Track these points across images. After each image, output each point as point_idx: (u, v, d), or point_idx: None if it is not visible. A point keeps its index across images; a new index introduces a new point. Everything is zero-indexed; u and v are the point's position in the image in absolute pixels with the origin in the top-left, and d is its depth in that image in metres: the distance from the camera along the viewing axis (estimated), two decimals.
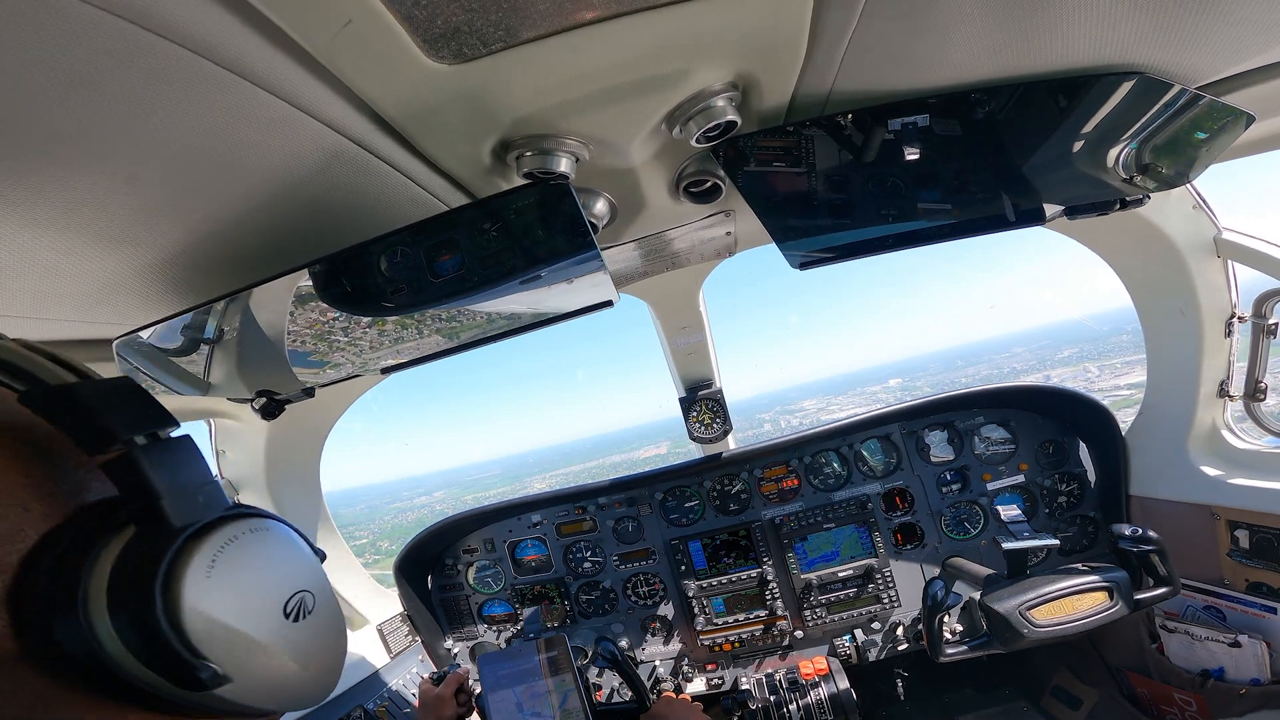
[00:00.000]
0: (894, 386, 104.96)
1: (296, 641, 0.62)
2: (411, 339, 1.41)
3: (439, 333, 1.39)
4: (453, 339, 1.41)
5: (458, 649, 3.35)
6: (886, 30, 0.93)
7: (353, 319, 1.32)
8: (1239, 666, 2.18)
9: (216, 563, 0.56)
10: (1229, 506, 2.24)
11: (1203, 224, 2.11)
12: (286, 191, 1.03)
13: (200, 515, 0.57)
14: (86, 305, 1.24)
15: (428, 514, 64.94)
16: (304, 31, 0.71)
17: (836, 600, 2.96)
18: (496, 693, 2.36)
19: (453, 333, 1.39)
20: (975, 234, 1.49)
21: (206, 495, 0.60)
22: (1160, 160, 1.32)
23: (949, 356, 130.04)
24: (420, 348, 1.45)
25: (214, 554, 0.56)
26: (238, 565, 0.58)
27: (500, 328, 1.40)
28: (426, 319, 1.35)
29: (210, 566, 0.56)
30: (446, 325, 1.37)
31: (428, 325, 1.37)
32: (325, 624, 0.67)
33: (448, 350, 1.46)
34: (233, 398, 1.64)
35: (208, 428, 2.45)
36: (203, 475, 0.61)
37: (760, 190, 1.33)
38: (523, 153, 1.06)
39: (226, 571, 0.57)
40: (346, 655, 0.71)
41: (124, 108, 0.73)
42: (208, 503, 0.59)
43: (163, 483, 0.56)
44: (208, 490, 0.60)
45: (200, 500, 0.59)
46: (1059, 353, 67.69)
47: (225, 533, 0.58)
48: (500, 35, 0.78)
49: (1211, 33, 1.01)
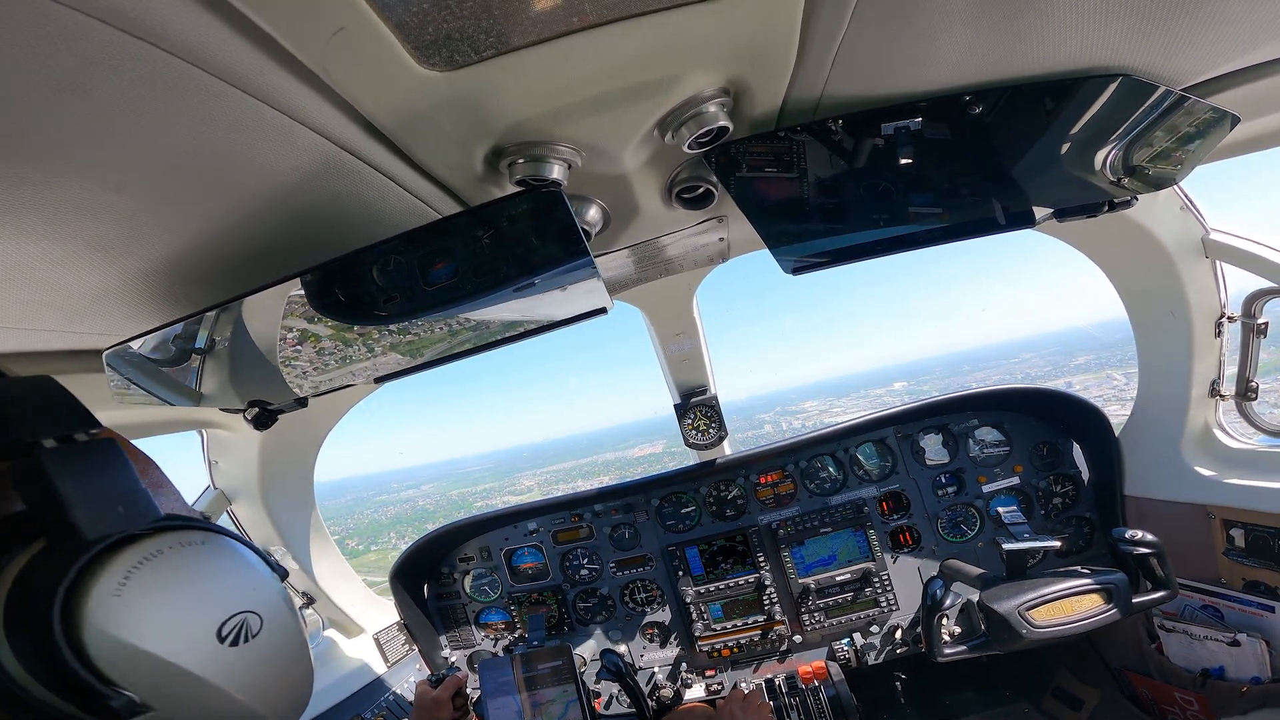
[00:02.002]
0: (899, 390, 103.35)
1: (236, 668, 0.56)
2: (404, 348, 1.40)
3: (432, 341, 1.38)
4: (446, 347, 1.41)
5: (455, 657, 3.34)
6: (876, 35, 0.93)
7: (345, 328, 1.32)
8: (1239, 665, 2.19)
9: (130, 580, 0.51)
10: (1224, 506, 2.25)
11: (1190, 225, 2.13)
12: (278, 199, 1.02)
13: (118, 527, 0.52)
14: (76, 316, 1.23)
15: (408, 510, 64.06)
16: (295, 39, 0.70)
17: (834, 604, 2.96)
18: (496, 699, 2.34)
19: (446, 341, 1.39)
20: (966, 237, 1.49)
21: (129, 505, 0.54)
22: (1147, 162, 1.33)
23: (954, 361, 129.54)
24: (413, 356, 1.44)
25: (127, 571, 0.51)
26: (158, 583, 0.52)
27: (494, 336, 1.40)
28: (419, 327, 1.34)
29: (121, 584, 0.50)
30: (439, 334, 1.36)
31: (420, 334, 1.36)
32: (276, 649, 0.60)
33: (441, 359, 1.45)
34: (225, 408, 1.62)
35: (200, 438, 2.44)
36: (125, 483, 0.55)
37: (752, 196, 1.33)
38: (515, 160, 1.06)
39: (142, 590, 0.51)
40: (312, 680, 0.69)
41: (113, 116, 0.72)
42: (129, 514, 0.54)
43: (72, 491, 0.50)
44: (131, 500, 0.55)
45: (119, 511, 0.53)
46: (1074, 359, 67.44)
47: (145, 547, 0.53)
48: (491, 42, 0.78)
49: (1196, 34, 1.02)
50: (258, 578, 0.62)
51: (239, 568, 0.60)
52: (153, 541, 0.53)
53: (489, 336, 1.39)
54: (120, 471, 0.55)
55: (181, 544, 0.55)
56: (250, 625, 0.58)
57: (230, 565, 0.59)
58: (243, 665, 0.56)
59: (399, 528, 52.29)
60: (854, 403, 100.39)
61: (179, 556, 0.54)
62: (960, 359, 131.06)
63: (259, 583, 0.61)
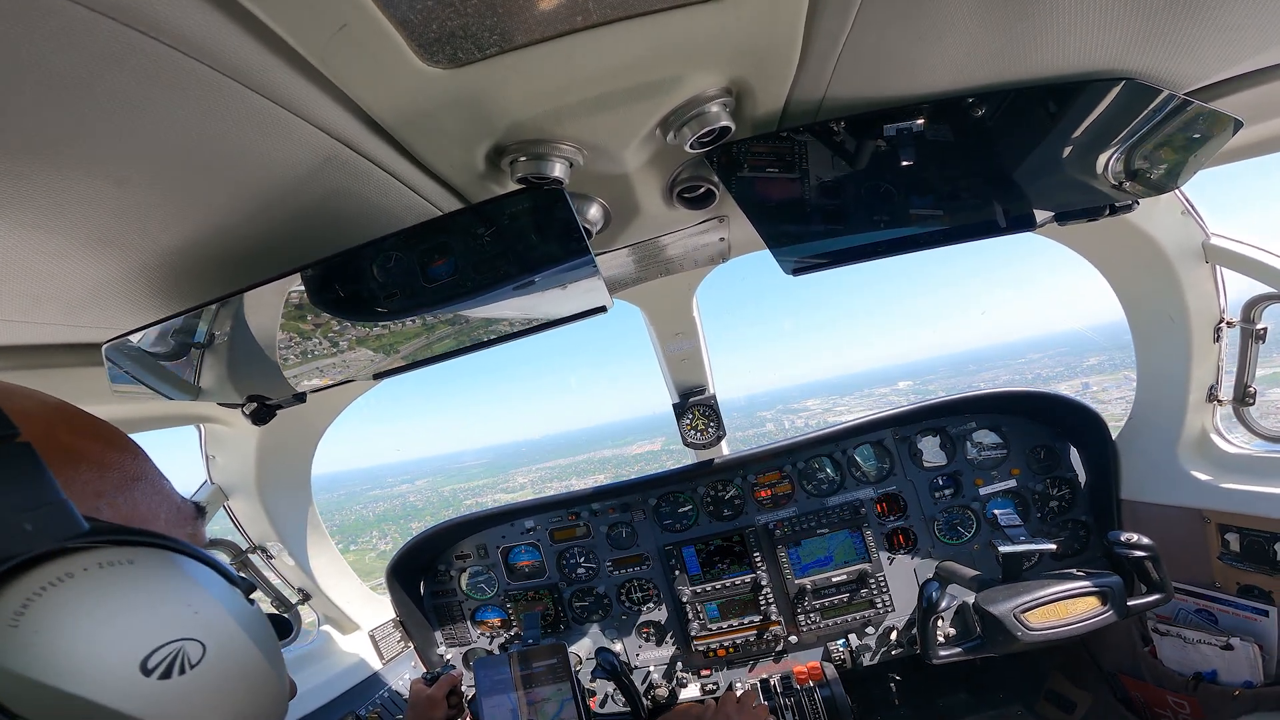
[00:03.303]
0: (904, 389, 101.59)
1: (170, 702, 0.50)
2: (404, 344, 1.40)
3: (432, 338, 1.39)
4: (446, 344, 1.41)
5: (450, 654, 3.34)
6: (880, 36, 0.93)
7: (345, 324, 1.32)
8: (1231, 669, 2.19)
9: (30, 608, 0.45)
10: (1219, 510, 2.26)
11: (1191, 229, 2.13)
12: (279, 195, 1.02)
13: (20, 547, 0.46)
14: (76, 309, 1.23)
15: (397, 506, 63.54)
16: (298, 35, 0.70)
17: (830, 605, 2.96)
18: (491, 697, 2.34)
19: (446, 338, 1.39)
20: (967, 240, 1.49)
21: (39, 520, 0.48)
22: (1149, 166, 1.33)
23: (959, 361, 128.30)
24: (413, 353, 1.44)
25: (26, 598, 0.45)
26: (66, 611, 0.46)
27: (494, 333, 1.40)
28: (419, 324, 1.34)
29: (18, 614, 0.45)
30: (439, 330, 1.36)
31: (420, 330, 1.36)
32: (225, 677, 0.54)
33: (441, 356, 1.45)
34: (223, 403, 1.62)
35: (198, 433, 2.43)
36: (37, 495, 0.48)
37: (754, 196, 1.33)
38: (517, 158, 1.06)
39: (44, 619, 0.45)
40: (282, 702, 0.64)
41: (115, 110, 0.72)
42: (39, 530, 0.47)
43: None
44: (43, 514, 0.48)
45: (26, 529, 0.47)
46: (1086, 360, 66.33)
47: (51, 570, 0.47)
48: (495, 40, 0.77)
49: (1201, 38, 1.02)
50: (202, 599, 0.55)
51: (177, 588, 0.53)
52: (63, 563, 0.47)
53: (489, 334, 1.40)
54: (31, 481, 0.48)
55: (101, 564, 0.49)
56: (189, 654, 0.51)
57: (164, 586, 0.53)
58: (180, 698, 0.50)
59: (383, 525, 51.48)
60: (857, 401, 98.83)
61: (95, 579, 0.48)
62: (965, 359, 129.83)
63: (203, 605, 0.54)
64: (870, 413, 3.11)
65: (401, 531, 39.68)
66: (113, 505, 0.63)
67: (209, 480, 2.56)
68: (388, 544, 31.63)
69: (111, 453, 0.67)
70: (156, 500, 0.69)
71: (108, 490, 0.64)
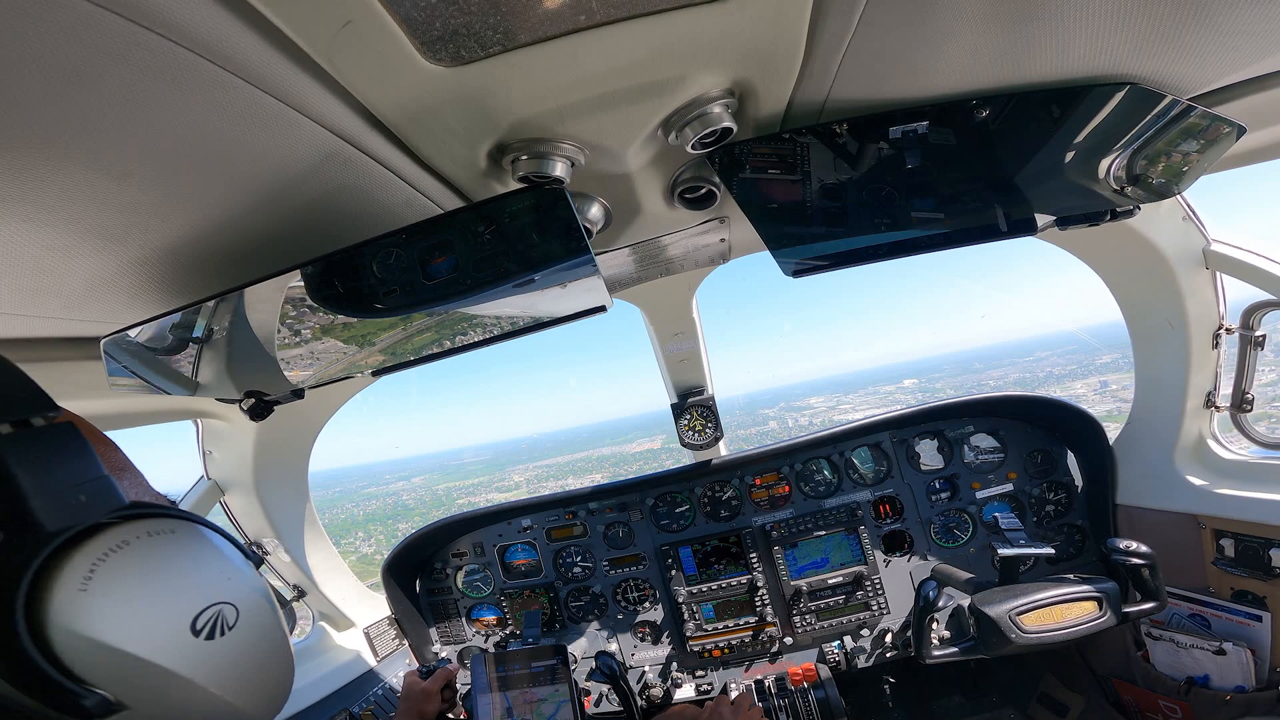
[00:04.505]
0: (910, 387, 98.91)
1: (212, 663, 0.53)
2: (403, 341, 1.40)
3: (431, 335, 1.38)
4: (445, 342, 1.41)
5: (445, 652, 3.33)
6: (884, 39, 0.93)
7: (344, 321, 1.31)
8: (1223, 674, 2.20)
9: (95, 574, 0.48)
10: (1215, 516, 2.27)
11: (1192, 235, 2.14)
12: (280, 191, 1.02)
13: (80, 518, 0.49)
14: (75, 303, 1.22)
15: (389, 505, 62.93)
16: (303, 31, 0.70)
17: (826, 607, 2.97)
18: (487, 695, 2.33)
19: (445, 335, 1.39)
20: (967, 243, 1.50)
21: (91, 493, 0.51)
22: (1151, 171, 1.33)
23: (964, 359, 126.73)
24: (412, 350, 1.44)
25: (92, 564, 0.48)
26: (126, 576, 0.49)
27: (493, 331, 1.39)
28: (419, 321, 1.34)
29: (87, 579, 0.47)
30: (439, 328, 1.36)
31: (420, 328, 1.36)
32: (254, 641, 0.58)
33: (440, 353, 1.45)
34: (221, 398, 1.62)
35: (195, 428, 2.43)
36: (87, 470, 0.52)
37: (755, 197, 1.33)
38: (518, 156, 1.06)
39: (109, 584, 0.48)
40: (292, 672, 0.66)
41: (119, 105, 0.72)
42: (92, 502, 0.51)
43: (30, 480, 0.47)
44: (94, 487, 0.51)
45: (81, 500, 0.50)
46: (1098, 358, 64.94)
47: (110, 538, 0.50)
48: (498, 39, 0.77)
49: (1206, 44, 1.02)
50: (232, 567, 0.59)
51: (212, 556, 0.58)
52: (118, 531, 0.50)
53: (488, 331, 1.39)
54: (81, 457, 0.52)
55: (150, 533, 0.52)
56: (226, 617, 0.55)
57: (202, 554, 0.57)
58: (219, 659, 0.53)
59: (370, 526, 50.81)
60: (863, 399, 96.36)
61: (147, 546, 0.51)
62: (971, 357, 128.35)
63: (233, 572, 0.58)
64: (876, 412, 3.12)
65: (387, 533, 39.14)
66: None
67: (206, 476, 2.56)
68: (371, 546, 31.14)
69: (99, 445, 0.69)
70: (138, 491, 0.70)
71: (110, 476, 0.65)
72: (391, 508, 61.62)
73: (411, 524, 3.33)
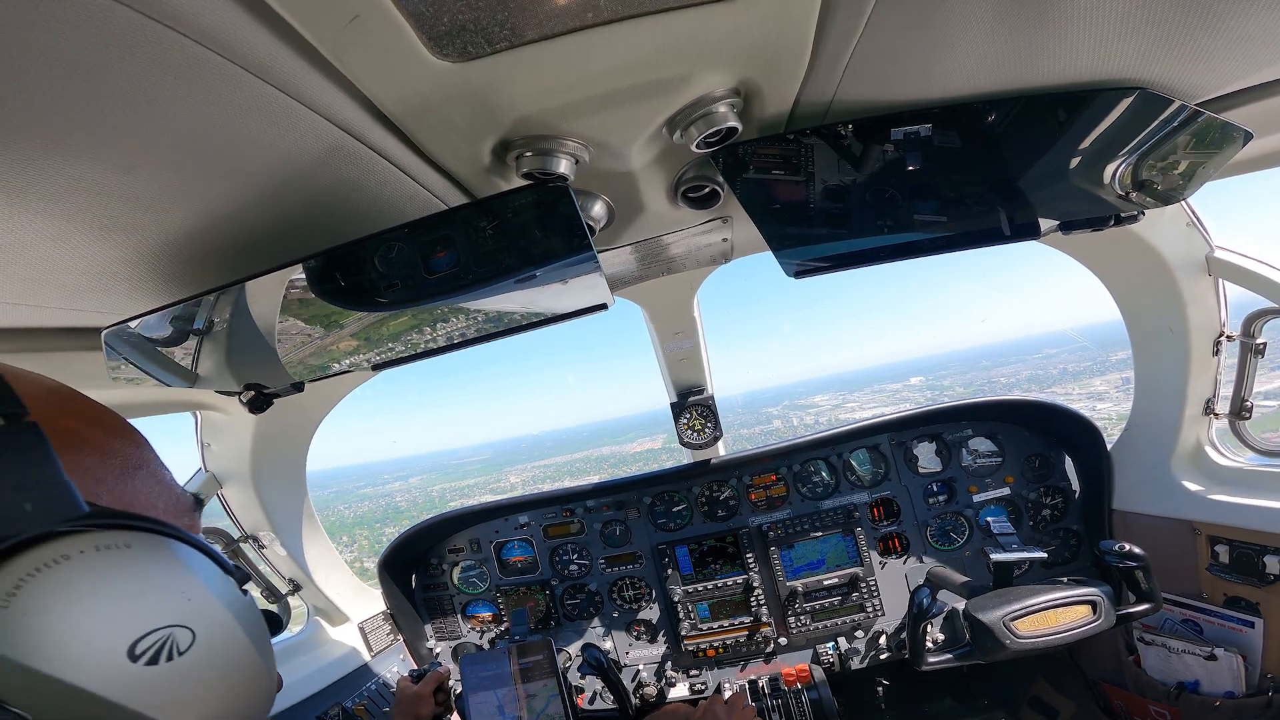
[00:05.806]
0: (916, 384, 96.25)
1: (156, 689, 0.49)
2: (404, 336, 1.40)
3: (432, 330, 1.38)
4: (446, 337, 1.41)
5: (440, 649, 3.33)
6: (891, 40, 0.93)
7: (345, 314, 1.31)
8: (1214, 679, 2.21)
9: (21, 590, 0.45)
10: (1210, 522, 2.27)
11: (1195, 242, 2.13)
12: (284, 185, 1.02)
13: (18, 528, 0.46)
14: (77, 294, 1.22)
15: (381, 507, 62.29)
16: (310, 25, 0.70)
17: (821, 608, 2.97)
18: (477, 694, 2.34)
19: (446, 331, 1.39)
20: (970, 247, 1.50)
21: (40, 501, 0.47)
22: (1157, 177, 1.33)
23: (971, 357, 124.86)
24: (413, 345, 1.44)
25: (19, 579, 0.45)
26: (57, 594, 0.46)
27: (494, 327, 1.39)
28: (420, 316, 1.34)
29: (10, 595, 0.44)
30: (440, 323, 1.36)
31: (421, 322, 1.36)
32: (213, 665, 0.54)
33: (440, 348, 1.45)
34: (220, 390, 1.62)
35: (194, 420, 2.42)
36: (37, 475, 0.48)
37: (758, 197, 1.33)
38: (523, 153, 1.06)
39: (35, 601, 0.45)
40: (269, 694, 0.63)
41: (125, 97, 0.72)
42: (38, 510, 0.47)
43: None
44: (41, 495, 0.48)
45: (26, 508, 0.46)
46: (1113, 355, 62.99)
47: (47, 551, 0.46)
48: (505, 35, 0.77)
49: (1216, 49, 1.02)
50: (195, 587, 0.54)
51: (171, 574, 0.53)
52: (61, 544, 0.46)
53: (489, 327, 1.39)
54: (36, 462, 0.48)
55: (99, 546, 0.48)
56: (178, 641, 0.51)
57: (158, 572, 0.52)
58: (166, 685, 0.50)
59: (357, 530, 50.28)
60: (869, 397, 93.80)
61: (89, 562, 0.47)
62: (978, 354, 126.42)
63: (196, 592, 0.54)
64: (883, 410, 3.12)
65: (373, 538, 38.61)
66: (113, 492, 0.63)
67: (203, 468, 2.55)
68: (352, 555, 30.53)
69: (115, 440, 0.67)
70: (156, 489, 0.69)
71: (109, 477, 0.64)
72: (384, 510, 60.86)
73: (399, 529, 3.31)
